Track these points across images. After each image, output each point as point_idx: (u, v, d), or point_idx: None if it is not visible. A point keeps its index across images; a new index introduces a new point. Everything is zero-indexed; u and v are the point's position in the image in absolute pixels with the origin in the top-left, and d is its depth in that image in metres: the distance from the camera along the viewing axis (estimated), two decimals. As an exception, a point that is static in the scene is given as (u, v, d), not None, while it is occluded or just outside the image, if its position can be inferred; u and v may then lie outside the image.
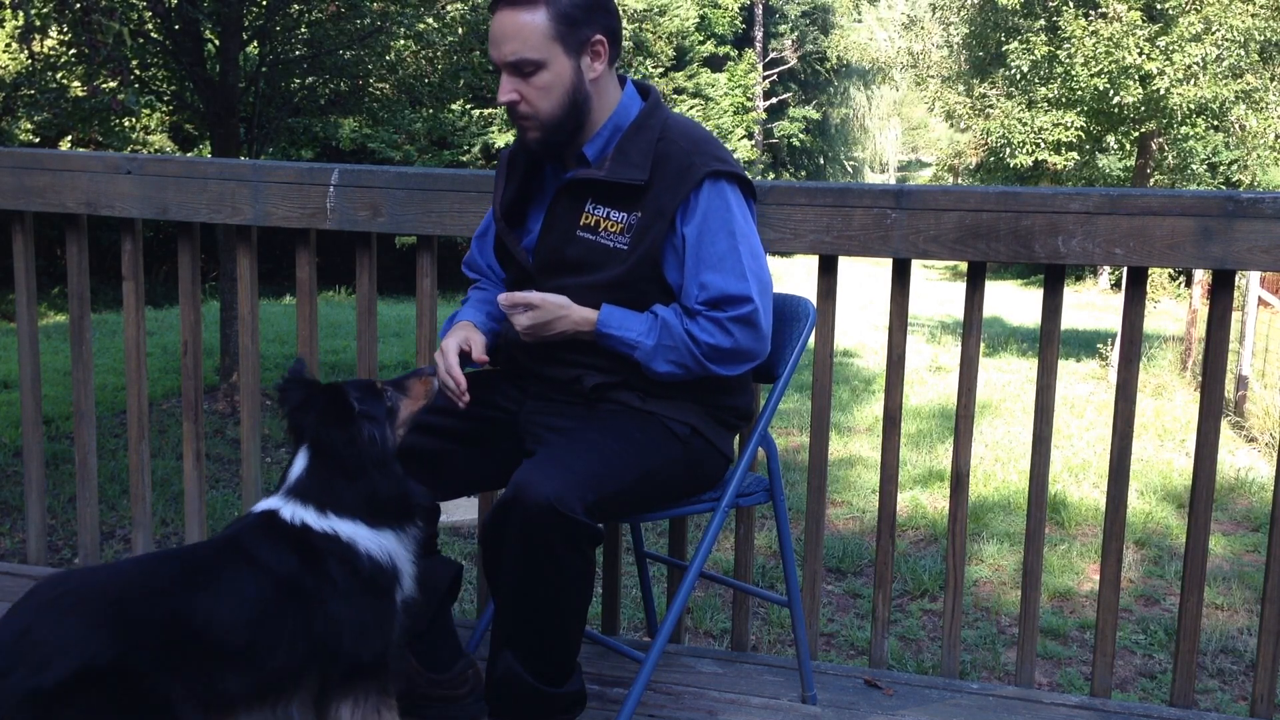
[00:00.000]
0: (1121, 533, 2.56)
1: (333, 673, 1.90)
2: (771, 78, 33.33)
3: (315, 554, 1.90)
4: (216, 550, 1.92)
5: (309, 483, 1.95)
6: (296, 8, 8.78)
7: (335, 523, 1.92)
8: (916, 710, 2.50)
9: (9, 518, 5.52)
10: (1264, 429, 8.34)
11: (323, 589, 1.88)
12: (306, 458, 1.97)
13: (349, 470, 1.94)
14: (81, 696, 1.65)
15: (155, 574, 1.85)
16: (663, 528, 4.81)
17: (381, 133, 17.48)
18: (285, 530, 1.91)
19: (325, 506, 1.93)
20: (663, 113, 2.22)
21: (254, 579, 1.85)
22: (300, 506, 1.93)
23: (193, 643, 1.76)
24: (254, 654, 1.81)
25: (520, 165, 2.29)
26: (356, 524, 1.94)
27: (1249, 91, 14.38)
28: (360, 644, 1.91)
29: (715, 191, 2.14)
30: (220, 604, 1.80)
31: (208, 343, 8.70)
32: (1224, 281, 2.46)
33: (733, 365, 2.17)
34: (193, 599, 1.79)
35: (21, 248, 2.97)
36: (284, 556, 1.88)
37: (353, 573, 1.91)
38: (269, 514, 1.94)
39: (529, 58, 2.09)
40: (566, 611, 2.08)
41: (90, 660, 1.67)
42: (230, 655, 1.79)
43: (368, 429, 1.96)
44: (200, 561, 1.89)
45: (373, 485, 1.95)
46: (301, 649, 1.85)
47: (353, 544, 1.92)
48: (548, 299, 2.14)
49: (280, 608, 1.84)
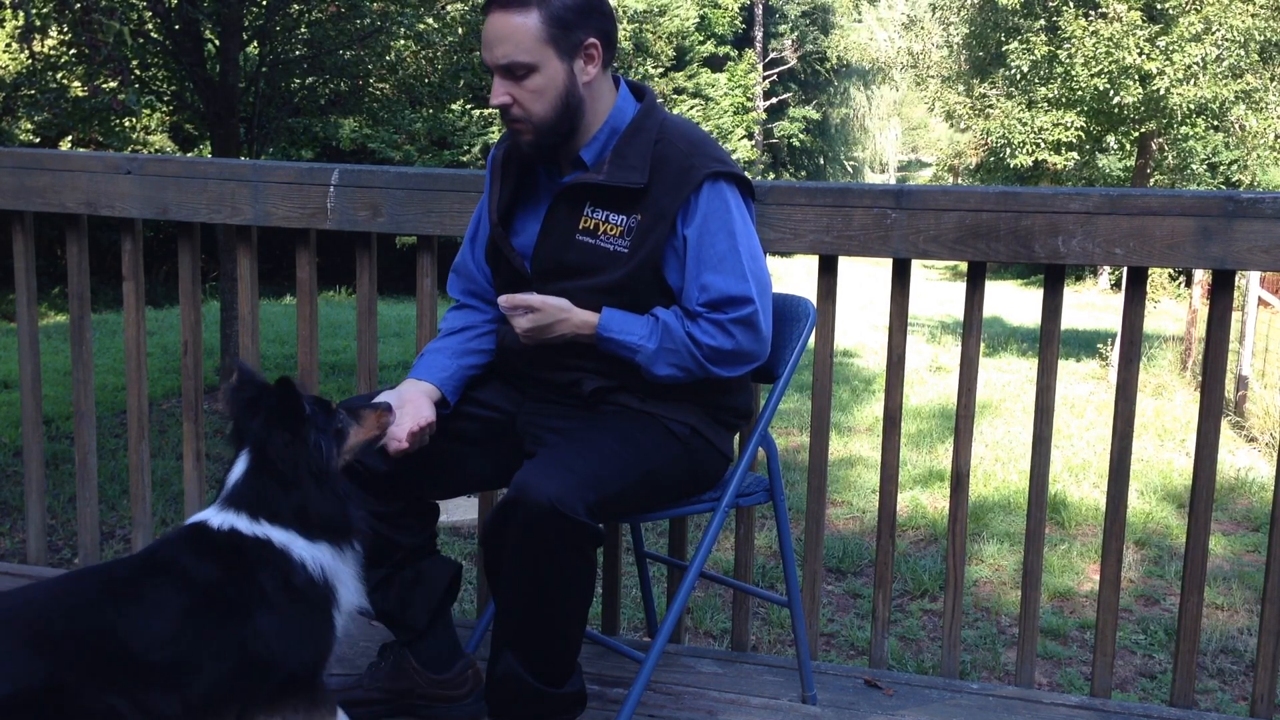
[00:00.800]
0: (1121, 533, 2.56)
1: (262, 689, 1.81)
2: (771, 78, 33.33)
3: (243, 561, 1.82)
4: (138, 564, 1.85)
5: (244, 489, 1.87)
6: (296, 8, 8.79)
7: (268, 529, 1.84)
8: (916, 710, 2.50)
9: (9, 518, 5.52)
10: (1264, 429, 8.34)
11: (250, 599, 1.80)
12: (245, 463, 1.89)
13: (286, 477, 1.85)
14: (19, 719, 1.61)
15: (75, 591, 1.78)
16: (663, 528, 4.81)
17: (381, 133, 17.46)
18: (211, 538, 1.83)
19: (258, 513, 1.85)
20: (659, 114, 2.22)
21: (175, 591, 1.77)
22: (233, 514, 1.85)
23: (120, 659, 1.70)
24: (179, 671, 1.73)
25: (514, 167, 2.28)
26: (290, 533, 1.85)
27: (1249, 91, 14.38)
28: (291, 657, 1.83)
29: (715, 192, 2.14)
30: (142, 619, 1.73)
31: (208, 343, 8.70)
32: (1224, 281, 2.46)
33: (734, 367, 2.17)
34: (115, 614, 1.72)
35: (21, 248, 2.97)
36: (207, 566, 1.80)
37: (284, 583, 1.83)
38: (196, 525, 1.87)
39: (521, 61, 2.08)
40: (567, 611, 2.08)
41: (22, 683, 1.62)
42: (156, 673, 1.72)
43: (314, 435, 1.87)
44: (121, 576, 1.82)
45: (306, 497, 1.86)
46: (229, 664, 1.77)
47: (286, 552, 1.84)
48: (548, 301, 2.14)
49: (204, 621, 1.76)
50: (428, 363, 2.28)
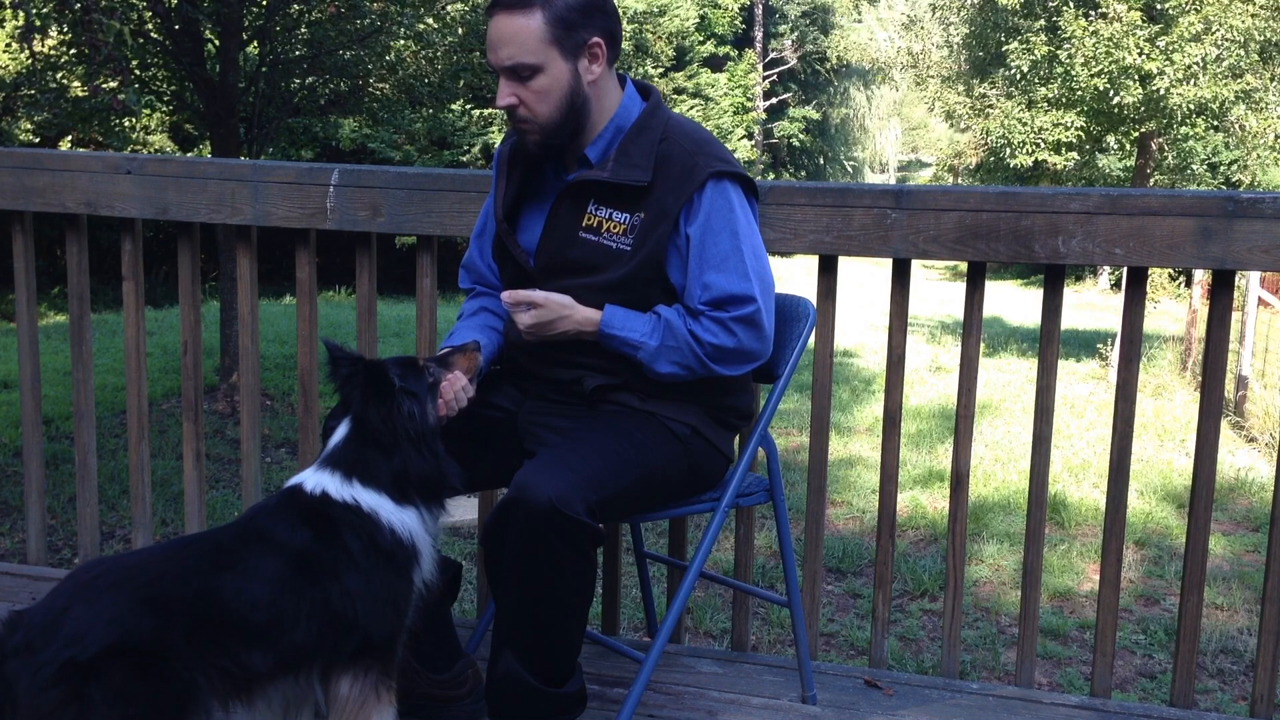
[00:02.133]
0: (1121, 533, 2.56)
1: (344, 646, 1.93)
2: (771, 78, 33.32)
3: (331, 526, 1.93)
4: (238, 530, 1.96)
5: (344, 452, 1.99)
6: (296, 8, 8.78)
7: (358, 491, 1.95)
8: (916, 710, 2.49)
9: (9, 518, 5.52)
10: (1264, 429, 8.34)
11: (339, 562, 1.91)
12: (347, 429, 2.01)
13: (384, 444, 1.97)
14: (113, 670, 1.72)
15: (184, 556, 1.90)
16: (663, 528, 4.81)
17: (381, 133, 17.48)
18: (303, 503, 1.95)
19: (352, 475, 1.96)
20: (664, 113, 2.22)
21: (271, 558, 1.89)
22: (328, 475, 1.97)
23: (219, 620, 1.82)
24: (274, 630, 1.86)
25: (519, 165, 2.28)
26: (380, 496, 1.96)
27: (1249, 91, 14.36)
28: (373, 619, 1.94)
29: (719, 192, 2.14)
30: (243, 583, 1.86)
31: (208, 343, 8.70)
32: (1224, 281, 2.46)
33: (736, 365, 2.17)
34: (218, 579, 1.85)
35: (21, 248, 2.97)
36: (299, 532, 1.91)
37: (372, 545, 1.93)
38: (291, 489, 1.98)
39: (525, 62, 2.09)
40: (567, 611, 2.08)
41: (124, 636, 1.74)
42: (252, 632, 1.84)
43: (407, 405, 1.98)
44: (224, 543, 1.93)
45: (405, 460, 1.97)
46: (319, 623, 1.89)
47: (374, 515, 1.95)
48: (551, 298, 2.14)
49: (296, 582, 1.88)
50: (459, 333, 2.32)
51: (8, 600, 2.88)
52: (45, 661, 1.70)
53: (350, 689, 1.95)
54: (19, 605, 2.83)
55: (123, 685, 1.73)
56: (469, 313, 2.40)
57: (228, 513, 5.58)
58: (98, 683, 1.71)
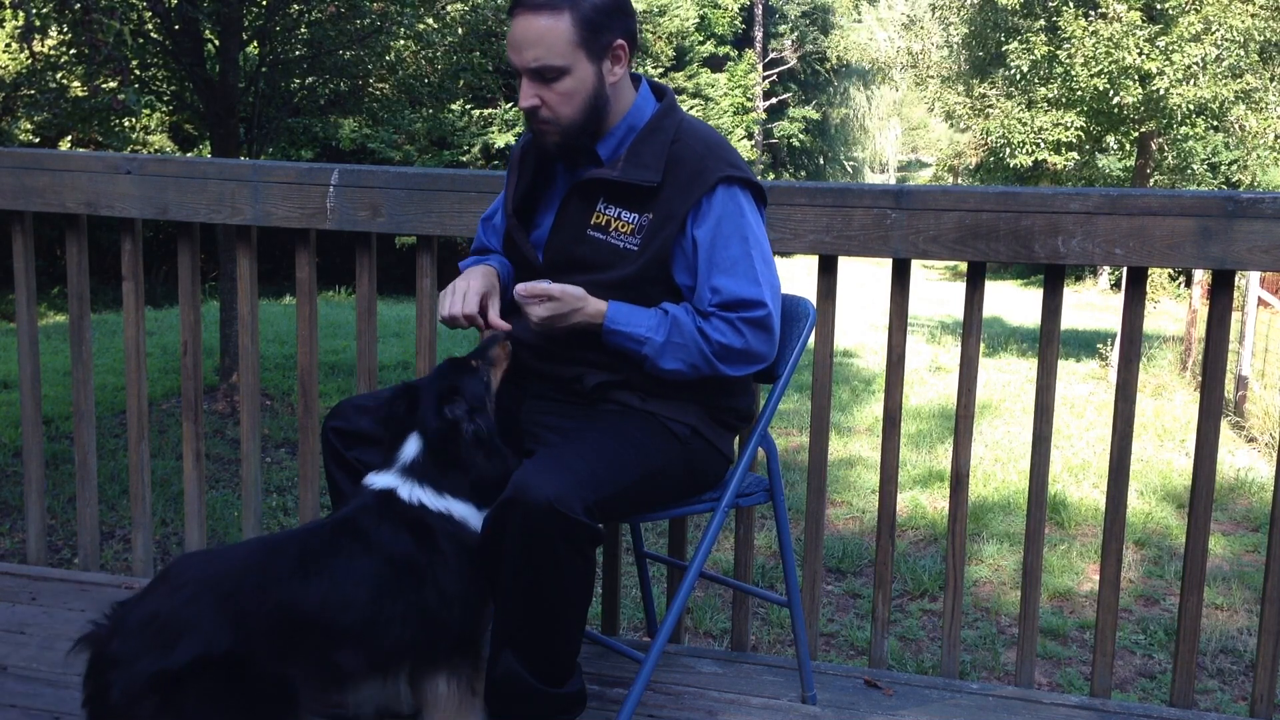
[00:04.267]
0: (1121, 533, 2.55)
1: (438, 646, 1.98)
2: (771, 78, 33.31)
3: (430, 532, 1.99)
4: (333, 532, 1.99)
5: (425, 466, 2.04)
6: (296, 8, 8.78)
7: (450, 503, 2.03)
8: (916, 710, 2.49)
9: (9, 518, 5.52)
10: (1264, 429, 8.34)
11: (435, 565, 1.98)
12: (420, 443, 2.05)
13: (460, 459, 2.04)
14: (202, 679, 1.76)
15: (271, 562, 1.93)
16: (663, 528, 4.81)
17: (381, 133, 17.46)
18: (402, 510, 2.00)
19: (442, 489, 2.03)
20: (677, 115, 2.22)
21: (370, 559, 1.94)
22: (418, 487, 2.03)
23: (305, 627, 1.86)
24: (370, 631, 1.91)
25: (531, 161, 2.29)
26: (468, 505, 2.04)
27: (1249, 91, 14.36)
28: (467, 618, 2.02)
29: (729, 196, 2.14)
30: (336, 586, 1.89)
31: (208, 343, 8.70)
32: (1224, 281, 2.46)
33: (742, 366, 2.18)
34: (306, 586, 1.88)
35: (21, 248, 2.97)
36: (400, 535, 1.97)
37: (463, 549, 2.01)
38: (387, 493, 2.02)
39: (553, 64, 2.07)
40: (567, 611, 2.08)
41: (207, 648, 1.77)
42: (346, 633, 1.89)
43: (468, 428, 2.05)
44: (316, 546, 1.96)
45: (480, 472, 2.05)
46: (414, 624, 1.95)
47: (465, 522, 2.03)
48: (567, 290, 2.13)
49: (395, 585, 1.93)
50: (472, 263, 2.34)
51: (8, 600, 2.88)
52: (138, 672, 1.74)
53: (448, 687, 2.01)
54: (19, 605, 2.84)
55: (217, 693, 1.77)
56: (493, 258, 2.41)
57: (228, 513, 5.58)
58: (191, 692, 1.75)
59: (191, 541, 2.96)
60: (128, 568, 4.33)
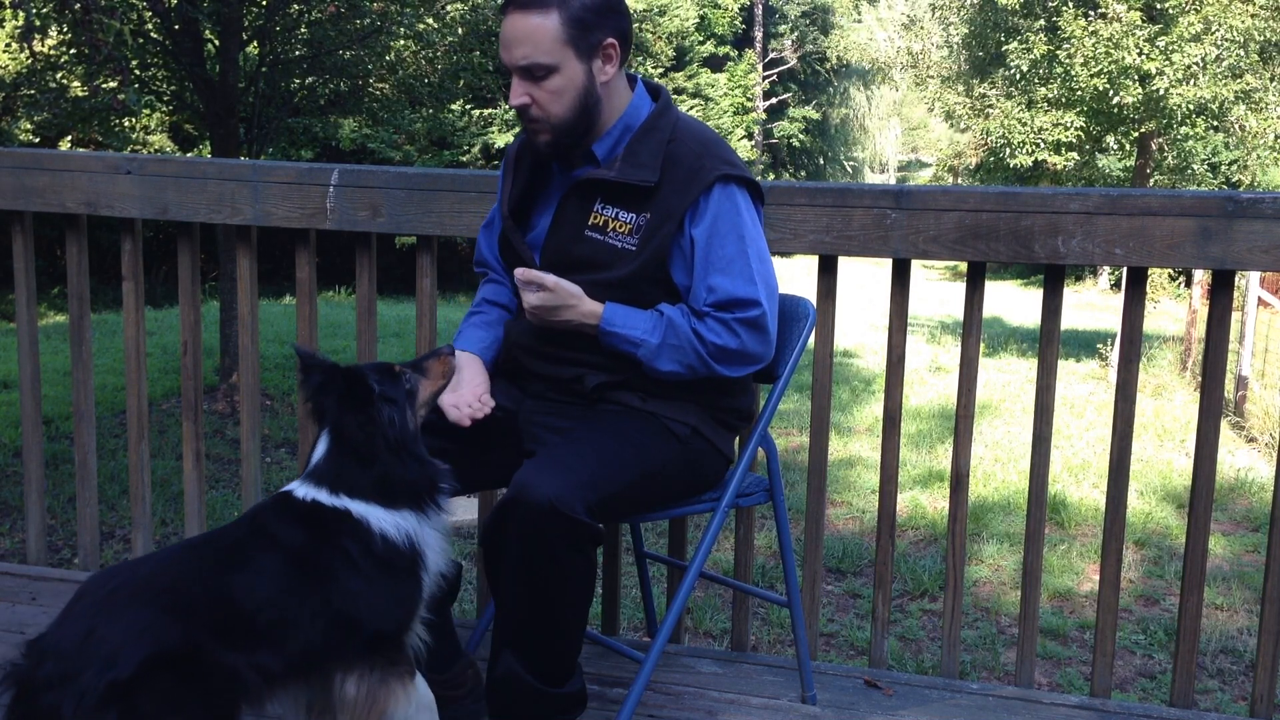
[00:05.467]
0: (1121, 533, 2.55)
1: (347, 645, 1.92)
2: (771, 78, 33.31)
3: (325, 530, 1.93)
4: (241, 530, 1.96)
5: (325, 466, 1.98)
6: (296, 8, 8.78)
7: (346, 502, 1.95)
8: (916, 710, 2.49)
9: (9, 518, 5.52)
10: (1264, 429, 8.34)
11: (335, 564, 1.91)
12: (326, 442, 1.99)
13: (364, 454, 1.96)
14: (156, 681, 1.72)
15: (194, 558, 1.91)
16: (663, 528, 4.81)
17: (381, 133, 17.46)
18: (296, 506, 1.95)
19: (338, 489, 1.95)
20: (673, 114, 2.22)
21: (273, 556, 1.89)
22: (314, 488, 1.96)
23: (238, 621, 1.83)
24: (281, 630, 1.86)
25: (527, 162, 2.29)
26: (370, 505, 1.96)
27: (1249, 91, 14.38)
28: (378, 620, 1.94)
29: (725, 195, 2.15)
30: (252, 582, 1.86)
31: (208, 343, 8.70)
32: (1224, 281, 2.46)
33: (738, 367, 2.18)
34: (231, 579, 1.85)
35: (21, 248, 2.97)
36: (295, 531, 1.92)
37: (366, 550, 1.93)
38: (284, 493, 1.98)
39: (541, 62, 2.08)
40: (567, 611, 2.08)
41: (157, 646, 1.73)
42: (264, 633, 1.85)
43: (386, 412, 1.98)
44: (230, 542, 1.94)
45: (386, 469, 1.96)
46: (322, 623, 1.89)
47: (364, 522, 1.95)
48: (561, 284, 2.14)
49: (298, 583, 1.89)
50: (467, 336, 2.35)
51: (8, 600, 2.89)
52: (87, 688, 1.67)
53: (357, 689, 1.94)
54: (19, 605, 2.84)
55: (170, 694, 1.73)
56: (478, 302, 2.43)
57: (228, 513, 5.58)
58: (146, 697, 1.70)
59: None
60: (128, 568, 4.32)
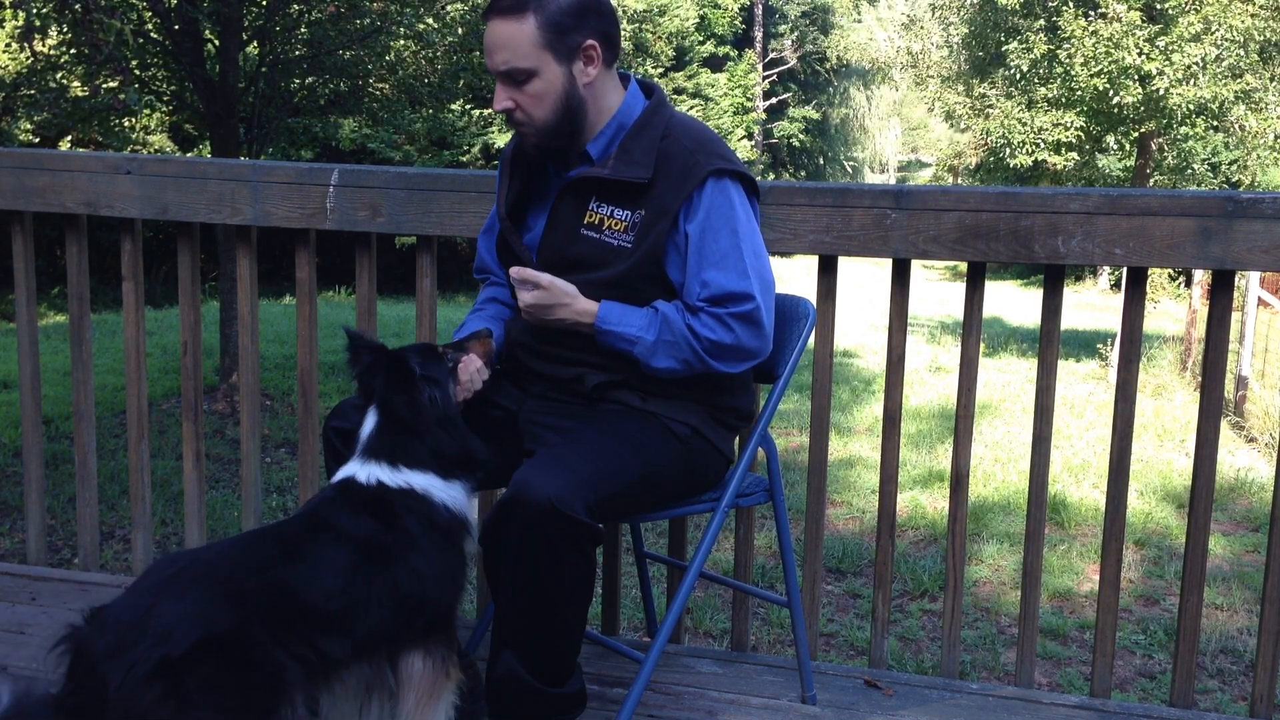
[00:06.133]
0: (1121, 533, 2.56)
1: (414, 624, 1.98)
2: (771, 78, 33.31)
3: (392, 511, 1.99)
4: (303, 523, 2.01)
5: (381, 440, 2.05)
6: (296, 8, 8.78)
7: (409, 475, 2.03)
8: (916, 710, 2.49)
9: (9, 518, 5.51)
10: (1264, 429, 8.34)
11: (403, 544, 1.98)
12: (375, 418, 2.07)
13: (415, 428, 2.05)
14: (204, 663, 1.78)
15: (256, 549, 1.96)
16: (663, 528, 4.81)
17: (381, 133, 17.46)
18: (361, 493, 2.01)
19: (397, 460, 2.03)
20: (667, 111, 2.23)
21: (339, 548, 1.95)
22: (375, 465, 2.03)
23: (296, 610, 1.88)
24: (349, 617, 1.91)
25: (522, 163, 2.30)
26: (429, 475, 2.04)
27: (1249, 91, 14.37)
28: (440, 595, 2.02)
29: (719, 189, 2.15)
30: (316, 574, 1.91)
31: (207, 343, 8.70)
32: (1224, 281, 2.46)
33: (734, 362, 2.18)
34: (292, 570, 1.91)
35: (21, 248, 2.97)
36: (361, 520, 1.98)
37: (430, 525, 2.01)
38: (345, 481, 2.04)
39: (520, 66, 2.11)
40: (567, 611, 2.08)
41: (211, 630, 1.79)
42: (331, 621, 1.90)
43: (428, 390, 2.06)
44: (292, 535, 1.99)
45: (437, 441, 2.05)
46: (390, 605, 1.95)
47: (428, 495, 2.02)
48: (556, 283, 2.15)
49: (367, 569, 1.94)
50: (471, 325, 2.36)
51: (8, 600, 2.89)
52: (139, 659, 1.74)
53: (424, 665, 2.01)
54: (19, 605, 2.84)
55: (216, 677, 1.78)
56: (480, 301, 2.45)
57: (228, 513, 5.58)
58: (192, 676, 1.75)
59: (191, 541, 2.96)
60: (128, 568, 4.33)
